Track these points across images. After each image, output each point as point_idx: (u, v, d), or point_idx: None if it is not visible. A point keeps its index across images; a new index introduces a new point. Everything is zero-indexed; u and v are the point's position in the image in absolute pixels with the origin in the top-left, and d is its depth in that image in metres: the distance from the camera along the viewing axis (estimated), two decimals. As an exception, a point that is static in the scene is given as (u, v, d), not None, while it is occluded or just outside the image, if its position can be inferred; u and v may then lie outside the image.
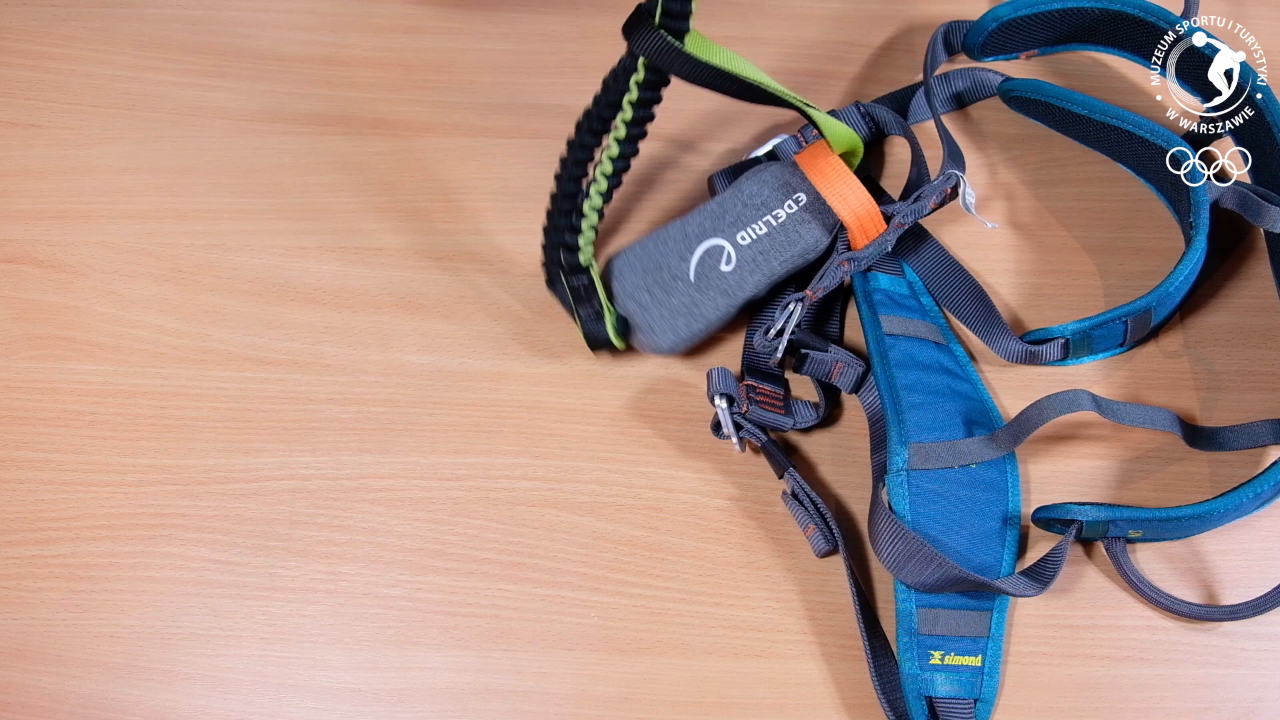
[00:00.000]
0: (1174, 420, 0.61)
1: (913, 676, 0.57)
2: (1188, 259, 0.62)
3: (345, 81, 0.73)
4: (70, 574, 0.62)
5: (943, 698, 0.57)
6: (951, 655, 0.57)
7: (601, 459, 0.64)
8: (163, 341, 0.67)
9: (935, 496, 0.60)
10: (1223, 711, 0.58)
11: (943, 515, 0.60)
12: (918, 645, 0.58)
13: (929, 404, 0.62)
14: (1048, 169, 0.70)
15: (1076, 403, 0.59)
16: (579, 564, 0.62)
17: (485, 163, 0.72)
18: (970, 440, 0.61)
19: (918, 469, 0.60)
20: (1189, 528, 0.60)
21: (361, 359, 0.67)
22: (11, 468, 0.65)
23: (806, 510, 0.61)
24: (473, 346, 0.67)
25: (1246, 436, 0.61)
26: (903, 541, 0.57)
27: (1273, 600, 0.58)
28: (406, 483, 0.64)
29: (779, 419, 0.62)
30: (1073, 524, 0.59)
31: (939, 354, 0.64)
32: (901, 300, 0.66)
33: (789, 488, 0.61)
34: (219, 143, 0.73)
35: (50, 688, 0.60)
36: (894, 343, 0.63)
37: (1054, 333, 0.63)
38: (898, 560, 0.57)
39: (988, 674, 0.58)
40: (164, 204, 0.71)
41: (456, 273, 0.69)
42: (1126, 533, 0.59)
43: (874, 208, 0.63)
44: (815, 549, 0.60)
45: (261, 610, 0.61)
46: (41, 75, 0.75)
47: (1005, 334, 0.64)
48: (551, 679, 0.60)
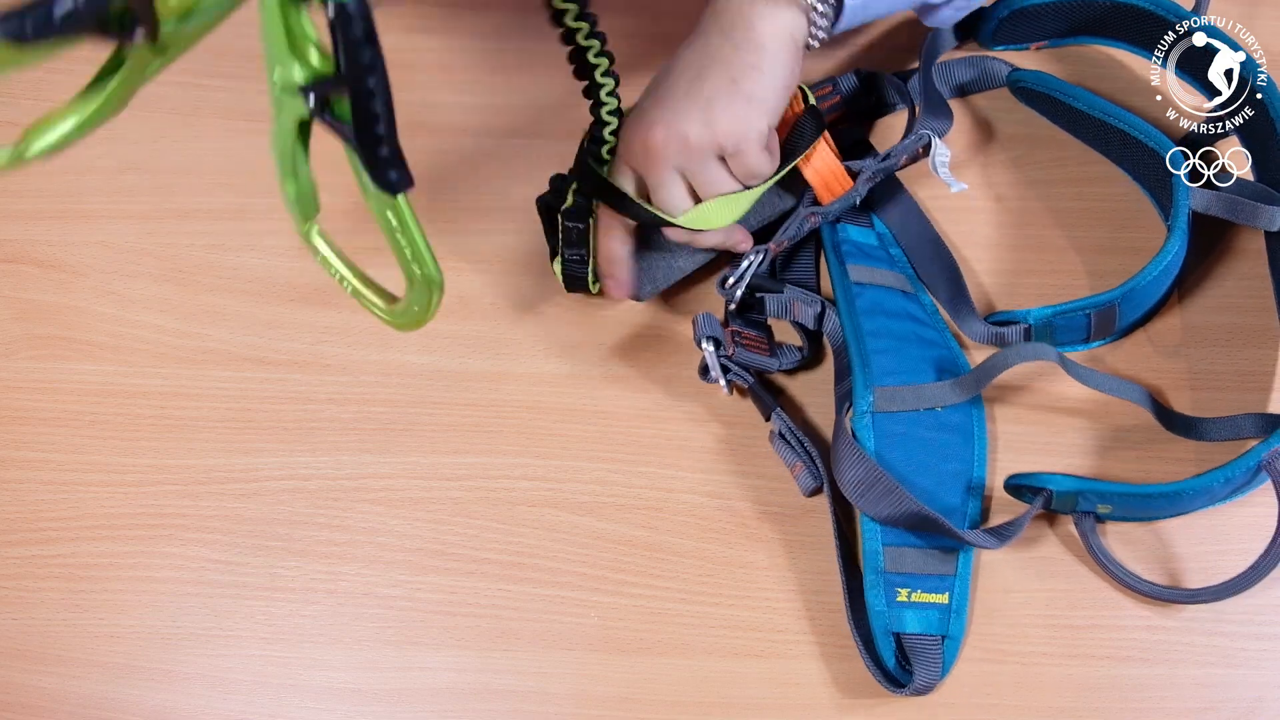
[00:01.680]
0: (1145, 396, 0.62)
1: (880, 613, 0.58)
2: (1159, 259, 0.62)
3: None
4: (70, 574, 0.62)
5: (910, 634, 0.58)
6: (919, 593, 0.59)
7: (601, 459, 0.64)
8: (163, 341, 0.67)
9: (901, 439, 0.61)
10: (1223, 711, 0.58)
11: (908, 457, 0.61)
12: (884, 583, 0.58)
13: (894, 349, 0.63)
14: (1048, 167, 0.70)
15: (1042, 353, 0.61)
16: (579, 564, 0.62)
17: (485, 163, 0.72)
18: (935, 384, 0.62)
19: (882, 411, 0.61)
20: (1158, 507, 0.60)
21: (361, 359, 0.67)
22: (11, 468, 0.65)
23: (793, 449, 0.62)
24: (473, 346, 0.67)
25: (1228, 428, 0.62)
26: (864, 468, 0.58)
27: (1236, 586, 0.58)
28: (406, 483, 0.64)
29: (764, 360, 0.63)
30: (1042, 492, 0.59)
31: (906, 302, 0.66)
32: (870, 251, 0.67)
33: (776, 428, 0.63)
34: (219, 143, 0.73)
35: (50, 688, 0.60)
36: (860, 290, 0.65)
37: (1018, 316, 0.64)
38: (858, 487, 0.59)
39: (955, 611, 0.59)
40: (164, 204, 0.71)
41: (456, 273, 0.68)
42: (1096, 507, 0.60)
43: (838, 167, 0.63)
44: (803, 487, 0.62)
45: (261, 610, 0.61)
46: (42, 75, 0.75)
47: (971, 313, 0.65)
48: (551, 679, 0.60)
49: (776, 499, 0.63)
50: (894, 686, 0.57)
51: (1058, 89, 0.68)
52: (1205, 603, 0.59)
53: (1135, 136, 0.66)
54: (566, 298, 0.68)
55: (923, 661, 0.58)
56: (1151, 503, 0.60)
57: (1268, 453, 0.57)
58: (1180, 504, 0.60)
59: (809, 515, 0.62)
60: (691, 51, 0.58)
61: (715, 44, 0.57)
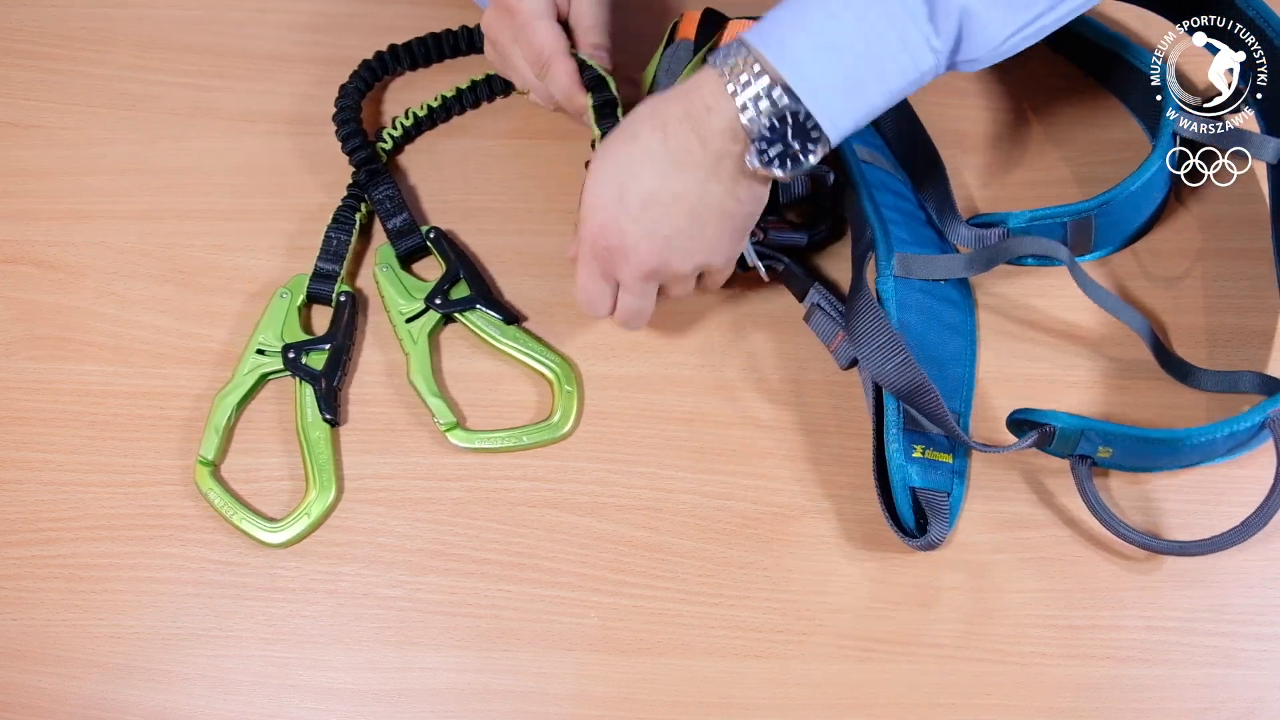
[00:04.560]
0: (1146, 327, 0.64)
1: (899, 466, 0.61)
2: (1137, 174, 0.64)
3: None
4: (70, 574, 0.62)
5: (922, 488, 0.61)
6: (931, 450, 0.62)
7: (601, 459, 0.64)
8: (163, 341, 0.67)
9: (917, 307, 0.64)
10: (1223, 712, 0.58)
11: (923, 324, 0.64)
12: (903, 439, 0.61)
13: (905, 222, 0.66)
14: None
15: (1053, 250, 0.63)
16: (579, 564, 0.62)
17: (485, 163, 0.72)
18: (947, 256, 0.65)
19: (901, 277, 0.64)
20: (1159, 454, 0.61)
21: (361, 359, 0.67)
22: (11, 468, 0.65)
23: (832, 318, 0.64)
24: (474, 346, 0.67)
25: (1225, 381, 0.62)
26: (876, 323, 0.60)
27: (1224, 541, 0.58)
28: (406, 483, 0.64)
29: (795, 235, 0.66)
30: (1040, 427, 0.60)
31: (903, 186, 0.69)
32: (867, 138, 0.69)
33: (814, 300, 0.65)
34: (219, 143, 0.73)
35: (50, 688, 0.60)
36: (869, 168, 0.67)
37: (996, 219, 0.66)
38: (867, 342, 0.60)
39: (957, 473, 0.62)
40: (164, 204, 0.71)
41: (456, 273, 0.69)
42: (1096, 450, 0.60)
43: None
44: (841, 361, 0.65)
45: (261, 610, 0.61)
46: (41, 75, 0.75)
47: (956, 217, 0.67)
48: (551, 679, 0.60)
49: (776, 499, 0.63)
50: (908, 537, 0.60)
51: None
52: (1194, 555, 0.59)
53: (1129, 60, 0.68)
54: (563, 298, 0.68)
55: (935, 514, 0.60)
56: (1153, 448, 0.60)
57: (1273, 409, 0.58)
58: (1181, 454, 0.60)
59: (809, 515, 0.62)
60: (677, 168, 0.55)
61: (699, 174, 0.55)
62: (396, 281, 0.67)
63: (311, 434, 0.64)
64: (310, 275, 0.67)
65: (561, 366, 0.65)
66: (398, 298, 0.67)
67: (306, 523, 0.62)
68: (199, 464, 0.63)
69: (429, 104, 0.72)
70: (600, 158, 0.57)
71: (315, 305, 0.68)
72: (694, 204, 0.55)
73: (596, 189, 0.56)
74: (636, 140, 0.55)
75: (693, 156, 0.54)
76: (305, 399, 0.64)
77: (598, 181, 0.56)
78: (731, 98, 0.53)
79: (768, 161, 0.54)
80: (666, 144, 0.55)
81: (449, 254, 0.68)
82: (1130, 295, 0.67)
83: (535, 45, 0.63)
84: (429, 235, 0.68)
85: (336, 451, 0.64)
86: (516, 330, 0.66)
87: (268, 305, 0.67)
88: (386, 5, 0.76)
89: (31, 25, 0.77)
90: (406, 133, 0.72)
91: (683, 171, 0.55)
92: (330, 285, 0.67)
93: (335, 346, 0.65)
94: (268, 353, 0.66)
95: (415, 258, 0.69)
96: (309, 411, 0.64)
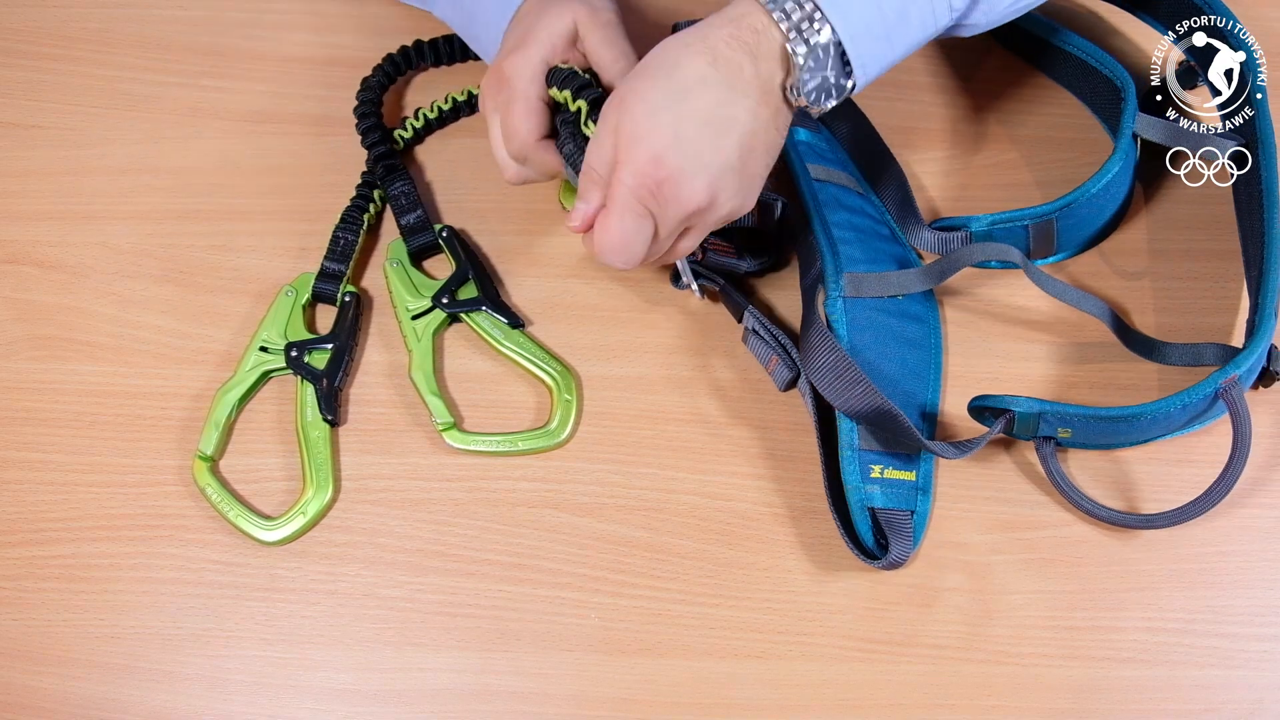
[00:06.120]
0: (1107, 311, 0.64)
1: (856, 488, 0.60)
2: (1098, 177, 0.64)
3: (345, 82, 0.73)
4: (70, 574, 0.62)
5: (883, 508, 0.60)
6: (890, 469, 0.61)
7: (601, 459, 0.64)
8: (163, 342, 0.67)
9: (869, 325, 0.63)
10: (1223, 713, 0.58)
11: (877, 342, 0.63)
12: (859, 459, 0.60)
13: (858, 240, 0.65)
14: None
15: (1006, 254, 0.63)
16: (579, 565, 0.62)
17: (486, 163, 0.72)
18: (900, 272, 0.65)
19: (852, 297, 0.63)
20: (1117, 431, 0.61)
21: (364, 359, 0.67)
22: (12, 468, 0.65)
23: (768, 344, 0.64)
24: (475, 347, 0.67)
25: (1189, 354, 0.63)
26: (834, 356, 0.60)
27: (1190, 511, 0.59)
28: (406, 483, 0.64)
29: (733, 261, 0.66)
30: (1004, 414, 0.60)
31: (861, 200, 0.68)
32: (822, 152, 0.69)
33: (749, 325, 0.64)
34: (219, 143, 0.73)
35: (50, 688, 0.60)
36: (821, 187, 0.67)
37: (958, 223, 0.66)
38: (826, 375, 0.60)
39: (921, 489, 0.61)
40: (165, 204, 0.71)
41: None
42: (1056, 431, 0.60)
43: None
44: (779, 382, 0.64)
45: (261, 610, 0.61)
46: (42, 76, 0.75)
47: (918, 222, 0.67)
48: (551, 680, 0.60)
49: (776, 499, 0.63)
50: (869, 559, 0.60)
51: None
52: (1161, 528, 0.60)
53: (1093, 65, 0.69)
54: (564, 298, 0.68)
55: (897, 534, 0.60)
56: (1111, 426, 0.60)
57: (1224, 380, 0.58)
58: (1139, 429, 0.61)
59: (809, 515, 0.62)
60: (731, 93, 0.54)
61: (752, 102, 0.54)
62: (405, 278, 0.67)
63: (311, 433, 0.64)
64: (316, 274, 0.67)
65: (562, 374, 0.65)
66: (405, 294, 0.67)
67: (302, 521, 0.62)
68: (197, 459, 0.63)
69: (439, 105, 0.72)
70: (633, 95, 0.54)
71: (320, 305, 0.68)
72: (745, 132, 0.55)
73: (641, 119, 0.53)
74: (680, 68, 0.54)
75: (744, 78, 0.54)
76: (306, 398, 0.65)
77: (641, 113, 0.53)
78: (778, 24, 0.54)
79: (808, 91, 0.54)
80: (716, 66, 0.54)
81: (460, 254, 0.68)
82: (1094, 294, 0.67)
83: (513, 127, 0.60)
84: (442, 234, 0.68)
85: (335, 451, 0.64)
86: (520, 335, 0.66)
87: (272, 302, 0.67)
88: (386, 6, 0.76)
89: (32, 25, 0.77)
90: (416, 133, 0.72)
91: (736, 94, 0.54)
92: (336, 285, 0.67)
93: (338, 347, 0.66)
94: (270, 350, 0.66)
95: (426, 255, 0.69)
96: (309, 410, 0.64)
